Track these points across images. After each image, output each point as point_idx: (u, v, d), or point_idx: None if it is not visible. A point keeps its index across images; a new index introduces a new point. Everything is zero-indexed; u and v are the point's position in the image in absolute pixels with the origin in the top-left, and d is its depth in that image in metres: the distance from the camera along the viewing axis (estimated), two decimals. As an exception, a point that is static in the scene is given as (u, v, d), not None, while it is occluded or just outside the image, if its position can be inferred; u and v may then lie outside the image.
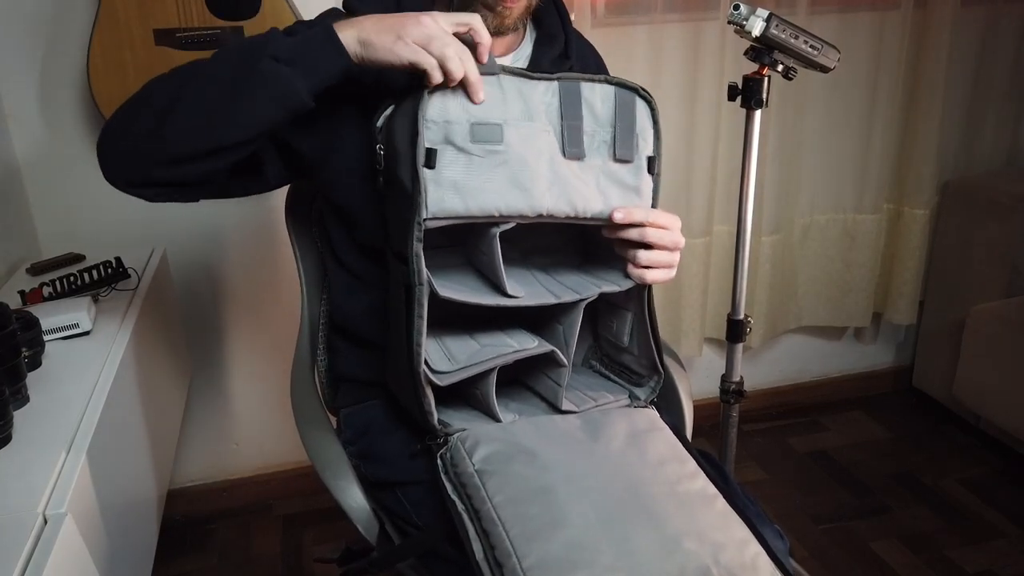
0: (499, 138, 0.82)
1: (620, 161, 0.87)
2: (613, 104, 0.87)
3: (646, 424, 0.94)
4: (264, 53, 0.81)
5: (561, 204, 0.85)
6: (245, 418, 1.91)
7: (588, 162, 0.86)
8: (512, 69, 0.85)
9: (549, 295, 0.90)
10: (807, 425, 2.24)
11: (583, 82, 0.86)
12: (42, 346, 1.10)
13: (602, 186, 0.87)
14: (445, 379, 0.87)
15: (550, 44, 1.05)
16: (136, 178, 0.87)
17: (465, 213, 0.82)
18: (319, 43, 0.82)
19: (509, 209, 0.83)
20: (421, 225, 0.81)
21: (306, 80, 0.82)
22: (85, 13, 1.51)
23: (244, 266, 1.78)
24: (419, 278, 0.82)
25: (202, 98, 0.82)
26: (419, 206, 0.80)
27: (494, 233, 0.85)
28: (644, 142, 0.89)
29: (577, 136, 0.85)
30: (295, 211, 1.18)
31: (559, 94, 0.85)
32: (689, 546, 0.76)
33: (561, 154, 0.85)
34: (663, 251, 0.90)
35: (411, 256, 0.82)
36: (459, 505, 0.84)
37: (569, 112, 0.85)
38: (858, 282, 2.15)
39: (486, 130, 0.81)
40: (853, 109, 2.00)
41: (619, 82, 0.88)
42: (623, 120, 0.87)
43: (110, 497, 0.96)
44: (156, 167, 0.85)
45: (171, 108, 0.82)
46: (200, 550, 1.82)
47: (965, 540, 1.74)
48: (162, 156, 0.84)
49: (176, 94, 0.82)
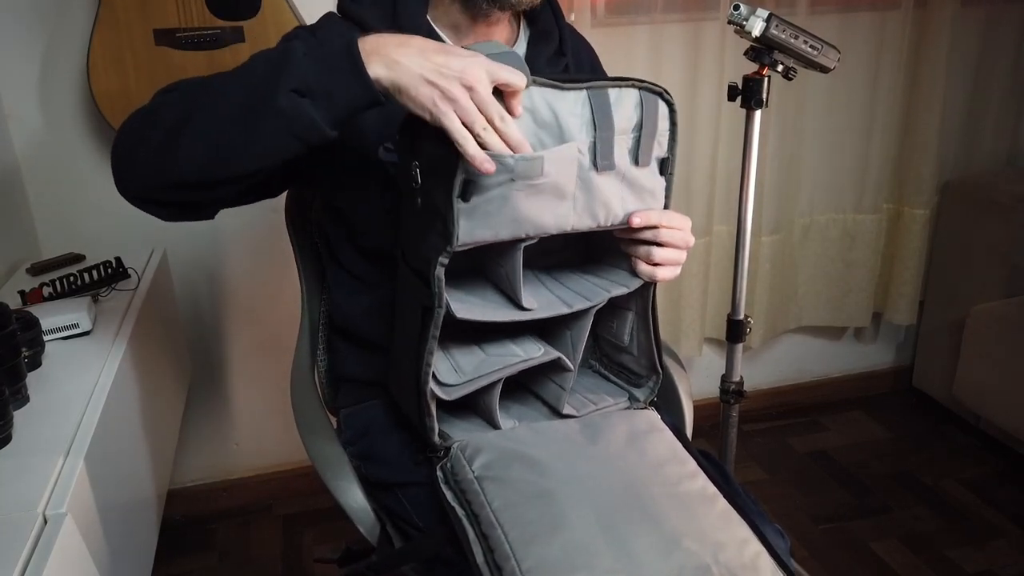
0: (540, 172, 0.78)
1: (641, 166, 0.86)
2: (640, 110, 0.84)
3: (646, 425, 0.94)
4: (284, 85, 0.74)
5: (586, 219, 0.83)
6: (245, 418, 1.91)
7: (616, 172, 0.84)
8: (543, 81, 0.78)
9: (561, 304, 0.89)
10: (807, 425, 2.24)
11: (611, 88, 0.83)
12: (42, 346, 1.10)
13: (624, 194, 0.86)
14: (452, 393, 0.87)
15: (545, 42, 1.04)
16: (146, 196, 0.84)
17: (494, 239, 0.80)
18: (344, 76, 0.75)
19: (537, 230, 0.81)
20: (449, 254, 0.79)
21: (328, 113, 0.76)
22: (85, 13, 1.51)
23: (244, 266, 1.78)
24: (439, 301, 0.80)
25: (215, 126, 0.77)
26: (451, 236, 0.77)
27: (519, 248, 0.83)
28: (659, 145, 0.87)
29: (608, 148, 0.82)
30: (295, 212, 1.17)
31: (590, 104, 0.81)
32: (689, 546, 0.76)
33: (591, 167, 0.82)
34: (674, 249, 0.90)
35: (433, 280, 0.80)
36: (459, 511, 0.84)
37: (602, 123, 0.81)
38: (858, 282, 2.15)
39: (529, 166, 0.76)
40: (853, 109, 2.00)
41: (644, 86, 0.85)
42: (647, 126, 0.85)
43: (110, 497, 0.96)
44: (165, 190, 0.82)
45: (181, 132, 0.77)
46: (200, 550, 1.82)
47: (965, 540, 1.74)
48: (172, 180, 0.80)
49: (187, 117, 0.78)
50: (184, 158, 0.78)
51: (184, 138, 0.77)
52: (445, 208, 0.77)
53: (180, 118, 0.78)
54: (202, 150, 0.78)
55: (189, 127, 0.77)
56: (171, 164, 0.79)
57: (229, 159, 0.78)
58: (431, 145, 0.78)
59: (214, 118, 0.77)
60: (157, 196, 0.84)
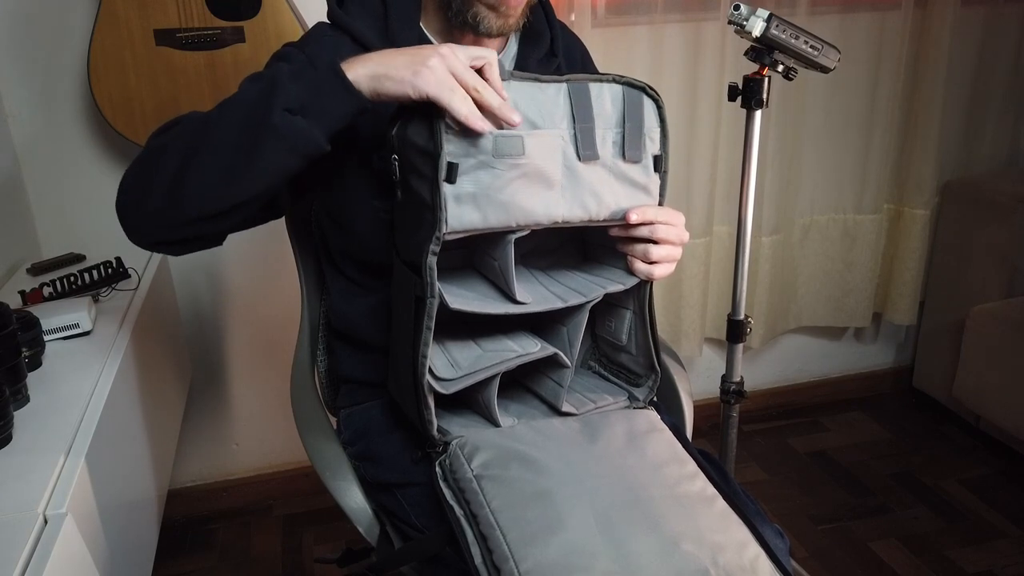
0: (520, 151, 0.80)
1: (630, 161, 0.87)
2: (622, 104, 0.86)
3: (646, 425, 0.94)
4: (274, 105, 0.78)
5: (576, 210, 0.85)
6: (245, 418, 1.91)
7: (601, 164, 0.86)
8: (521, 75, 0.83)
9: (556, 299, 0.90)
10: (807, 425, 2.24)
11: (591, 83, 0.85)
12: (42, 346, 1.10)
13: (614, 188, 0.87)
14: (449, 387, 0.87)
15: (536, 42, 1.04)
16: (158, 237, 0.86)
17: (483, 226, 0.81)
18: (329, 87, 0.79)
19: (527, 219, 0.83)
20: (439, 240, 0.80)
21: (320, 126, 0.80)
22: (85, 13, 1.51)
23: (244, 266, 1.78)
24: (431, 291, 0.81)
25: (216, 156, 0.80)
26: (439, 222, 0.79)
27: (509, 239, 0.85)
28: (651, 141, 0.88)
29: (590, 138, 0.84)
30: (295, 214, 1.17)
31: (570, 97, 0.84)
32: (687, 548, 0.76)
33: (576, 158, 0.84)
34: (669, 246, 0.90)
35: (425, 269, 0.81)
36: (457, 510, 0.84)
37: (581, 115, 0.84)
38: (858, 282, 2.15)
39: (508, 143, 0.80)
40: (853, 109, 2.00)
41: (627, 81, 0.87)
42: (632, 120, 0.86)
43: (110, 497, 0.96)
44: (176, 227, 0.84)
45: (185, 169, 0.80)
46: (200, 550, 1.82)
47: (965, 540, 1.74)
48: (184, 218, 0.82)
49: (188, 154, 0.80)
50: (192, 193, 0.81)
51: (189, 173, 0.80)
52: (432, 195, 0.79)
53: (181, 156, 0.81)
54: (207, 181, 0.80)
55: (191, 162, 0.80)
56: (180, 202, 0.81)
57: (233, 185, 0.81)
58: (415, 130, 0.81)
59: (213, 148, 0.80)
60: (168, 235, 0.86)
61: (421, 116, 0.81)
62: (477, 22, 0.94)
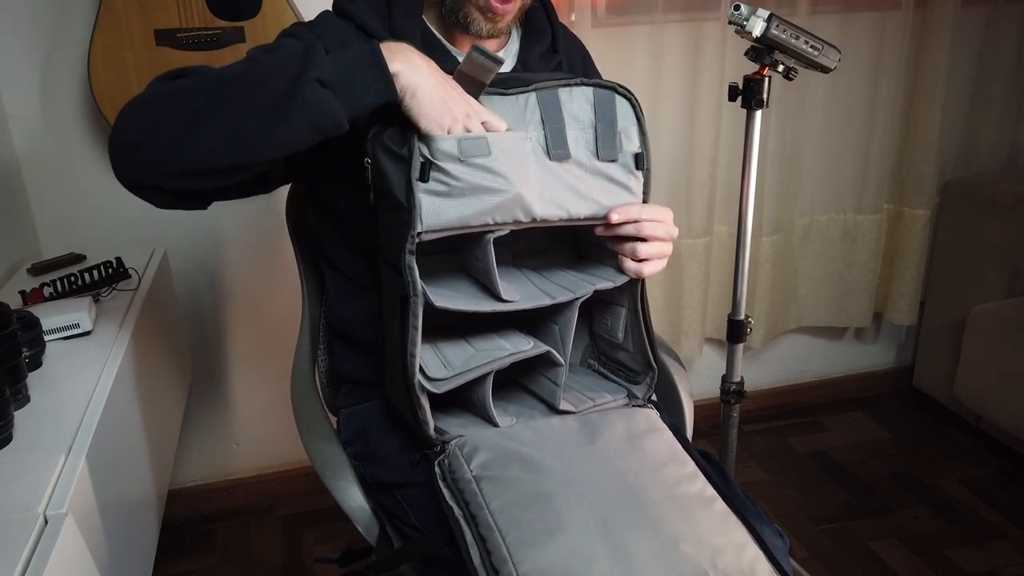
0: (486, 151, 0.82)
1: (605, 160, 0.87)
2: (592, 105, 0.87)
3: (645, 425, 0.94)
4: (309, 74, 0.77)
5: (553, 209, 0.85)
6: (245, 418, 1.92)
7: (575, 163, 0.86)
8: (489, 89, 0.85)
9: (544, 296, 0.90)
10: (807, 425, 2.24)
11: (560, 88, 0.87)
12: (43, 346, 1.10)
13: (592, 187, 0.87)
14: (441, 386, 0.87)
15: (538, 39, 1.05)
16: (148, 182, 0.84)
17: (459, 224, 0.82)
18: (368, 72, 0.79)
19: (503, 217, 0.83)
20: (415, 239, 0.81)
21: (347, 107, 0.79)
22: (85, 13, 1.51)
23: (244, 267, 1.78)
24: (414, 289, 0.82)
25: (237, 114, 0.78)
26: (414, 220, 0.80)
27: (488, 239, 0.85)
28: (628, 139, 0.89)
29: (560, 137, 0.86)
30: (296, 213, 1.18)
31: (539, 104, 0.86)
32: (687, 551, 0.76)
33: (547, 157, 0.85)
34: (658, 243, 0.91)
35: (404, 268, 0.82)
36: (456, 511, 0.84)
37: (550, 117, 0.86)
38: (858, 282, 2.15)
39: (473, 144, 0.81)
40: (853, 109, 2.00)
41: (596, 83, 0.88)
42: (603, 120, 0.87)
43: (111, 497, 0.96)
44: (170, 176, 0.82)
45: (198, 119, 0.78)
46: (200, 550, 1.82)
47: (965, 540, 1.74)
48: (179, 166, 0.80)
49: (204, 106, 0.78)
50: (201, 144, 0.79)
51: (201, 124, 0.78)
52: (407, 195, 0.81)
53: (198, 106, 0.79)
54: (221, 136, 0.78)
55: (207, 113, 0.78)
56: (185, 151, 0.79)
57: (246, 146, 0.79)
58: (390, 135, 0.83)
59: (236, 106, 0.78)
60: (160, 182, 0.83)
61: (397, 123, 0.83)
62: (468, 23, 0.96)
